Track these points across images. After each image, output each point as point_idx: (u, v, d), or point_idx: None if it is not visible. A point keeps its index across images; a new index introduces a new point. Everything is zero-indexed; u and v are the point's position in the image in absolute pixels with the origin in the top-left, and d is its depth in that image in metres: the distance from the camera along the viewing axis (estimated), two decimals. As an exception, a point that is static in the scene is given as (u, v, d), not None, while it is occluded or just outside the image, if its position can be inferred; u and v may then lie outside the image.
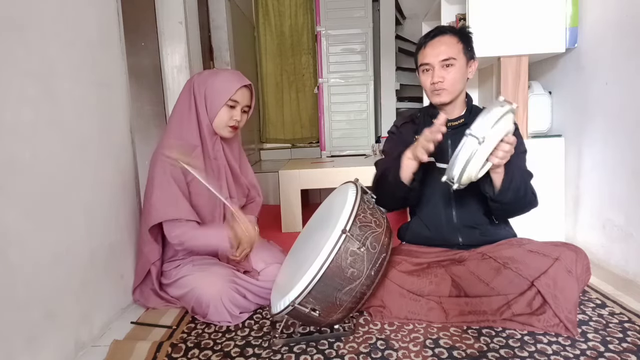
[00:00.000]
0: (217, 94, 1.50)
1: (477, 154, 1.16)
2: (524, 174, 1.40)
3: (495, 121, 1.15)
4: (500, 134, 1.18)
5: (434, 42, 1.43)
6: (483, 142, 1.14)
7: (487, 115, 1.16)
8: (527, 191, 1.38)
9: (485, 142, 1.15)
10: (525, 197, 1.37)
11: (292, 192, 2.70)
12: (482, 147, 1.15)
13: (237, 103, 1.52)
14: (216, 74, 1.55)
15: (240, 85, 1.51)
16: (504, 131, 1.19)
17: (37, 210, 1.11)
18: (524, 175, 1.38)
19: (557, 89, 2.10)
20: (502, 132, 1.18)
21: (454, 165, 1.19)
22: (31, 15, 1.13)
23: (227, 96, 1.49)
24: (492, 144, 1.18)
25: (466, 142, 1.16)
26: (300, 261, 1.29)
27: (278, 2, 4.49)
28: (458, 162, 1.18)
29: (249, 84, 1.55)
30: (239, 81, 1.52)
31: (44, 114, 1.16)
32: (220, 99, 1.50)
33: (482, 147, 1.15)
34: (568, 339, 1.20)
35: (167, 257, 1.58)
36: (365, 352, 1.18)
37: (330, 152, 3.91)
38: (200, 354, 1.22)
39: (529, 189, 1.39)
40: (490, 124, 1.15)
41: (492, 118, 1.15)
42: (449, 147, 1.48)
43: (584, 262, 1.32)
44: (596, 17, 1.80)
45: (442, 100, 1.44)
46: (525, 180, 1.38)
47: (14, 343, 1.01)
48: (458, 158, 1.18)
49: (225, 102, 1.50)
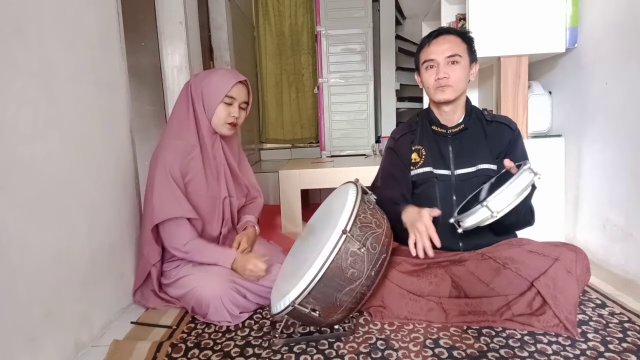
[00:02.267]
0: (213, 91, 1.51)
1: (488, 220, 1.24)
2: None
3: (514, 195, 1.20)
4: (515, 204, 1.22)
5: (439, 40, 1.43)
6: (495, 216, 1.21)
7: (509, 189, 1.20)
8: (527, 212, 1.39)
9: (497, 215, 1.21)
10: (524, 217, 1.39)
11: (292, 192, 2.70)
12: (492, 217, 1.22)
13: (234, 99, 1.53)
14: (212, 73, 1.55)
15: (235, 81, 1.52)
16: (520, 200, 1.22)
17: (37, 210, 1.11)
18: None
19: (557, 89, 2.10)
20: (518, 202, 1.22)
21: (466, 220, 1.27)
22: (31, 15, 1.13)
23: (223, 93, 1.50)
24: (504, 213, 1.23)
25: (479, 210, 1.23)
26: (301, 261, 1.29)
27: (278, 2, 4.49)
28: (469, 220, 1.26)
29: (244, 80, 1.55)
30: (234, 77, 1.53)
31: (44, 114, 1.16)
32: (216, 96, 1.50)
33: (494, 217, 1.22)
34: (568, 339, 1.20)
35: (167, 257, 1.58)
36: (365, 352, 1.18)
37: (330, 152, 3.91)
38: (200, 354, 1.22)
39: (528, 210, 1.40)
40: (509, 200, 1.20)
41: (512, 192, 1.20)
42: (449, 154, 1.48)
43: (584, 263, 1.32)
44: (596, 17, 1.80)
45: (447, 97, 1.43)
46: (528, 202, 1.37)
47: (14, 343, 1.01)
48: (470, 218, 1.26)
49: (221, 99, 1.50)
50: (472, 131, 1.49)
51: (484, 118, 1.51)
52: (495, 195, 1.20)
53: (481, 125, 1.49)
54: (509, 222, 1.34)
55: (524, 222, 1.44)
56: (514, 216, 1.31)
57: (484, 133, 1.49)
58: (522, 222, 1.44)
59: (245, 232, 1.62)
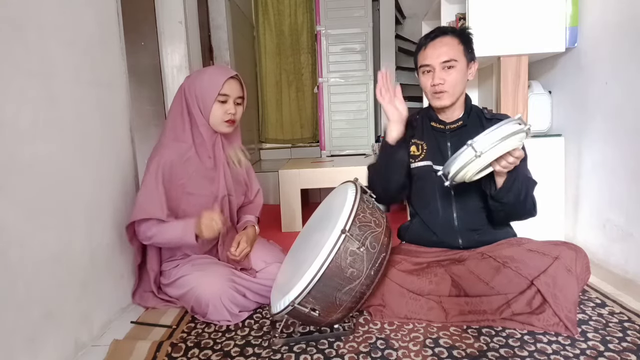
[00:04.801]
0: (206, 91, 1.50)
1: (472, 164, 1.21)
2: (527, 180, 1.39)
3: (499, 139, 1.18)
4: (500, 151, 1.20)
5: (435, 43, 1.42)
6: (479, 157, 1.19)
7: (494, 131, 1.19)
8: (527, 197, 1.37)
9: (481, 157, 1.19)
10: (525, 202, 1.37)
11: (292, 191, 2.71)
12: (477, 160, 1.20)
13: (228, 96, 1.52)
14: (202, 74, 1.55)
15: (225, 77, 1.50)
16: (506, 149, 1.21)
17: (37, 210, 1.11)
18: (526, 181, 1.37)
19: (557, 89, 2.10)
20: (503, 149, 1.20)
21: (451, 165, 1.24)
22: (31, 15, 1.13)
23: (216, 91, 1.49)
24: (488, 160, 1.22)
25: (464, 152, 1.21)
26: (300, 261, 1.29)
27: (278, 2, 4.49)
28: (454, 165, 1.24)
29: (235, 75, 1.54)
30: (225, 74, 1.52)
31: (44, 114, 1.16)
32: (210, 96, 1.49)
33: (478, 160, 1.20)
34: (568, 338, 1.20)
35: (166, 257, 1.58)
36: (365, 352, 1.18)
37: (330, 151, 3.91)
38: (200, 354, 1.22)
39: (529, 196, 1.38)
40: (493, 140, 1.18)
41: (497, 135, 1.18)
42: (448, 150, 1.48)
43: (584, 261, 1.32)
44: (596, 17, 1.80)
45: (443, 103, 1.43)
46: (527, 186, 1.37)
47: (14, 343, 1.01)
48: (455, 161, 1.23)
49: (215, 99, 1.49)
50: (471, 128, 1.48)
51: (483, 116, 1.51)
52: (479, 136, 1.19)
53: (480, 122, 1.49)
54: (508, 201, 1.33)
55: (525, 210, 1.40)
56: (512, 195, 1.31)
57: (482, 129, 1.48)
58: (522, 208, 1.39)
59: (244, 231, 1.62)
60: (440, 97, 1.42)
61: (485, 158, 1.20)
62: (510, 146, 1.20)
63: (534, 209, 1.42)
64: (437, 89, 1.41)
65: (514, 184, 1.31)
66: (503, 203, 1.35)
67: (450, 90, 1.41)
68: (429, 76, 1.43)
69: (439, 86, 1.40)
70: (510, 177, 1.30)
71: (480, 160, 1.20)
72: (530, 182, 1.40)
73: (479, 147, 1.18)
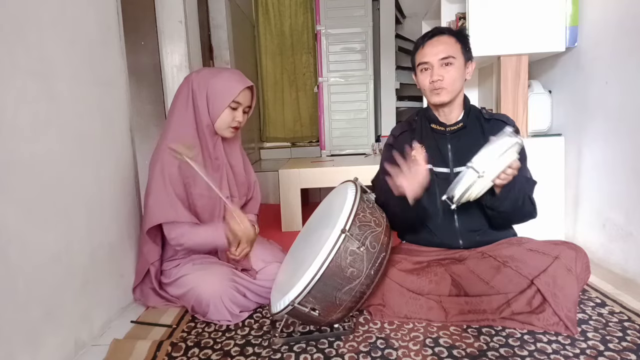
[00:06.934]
0: (219, 96, 1.49)
1: (476, 184, 1.24)
2: (525, 183, 1.38)
3: (498, 156, 1.20)
4: (501, 167, 1.22)
5: (432, 41, 1.43)
6: (482, 177, 1.21)
7: (491, 148, 1.21)
8: (525, 202, 1.37)
9: (484, 176, 1.21)
10: (523, 207, 1.37)
11: (292, 191, 2.70)
12: (480, 180, 1.22)
13: (240, 105, 1.51)
14: (217, 75, 1.52)
15: (243, 87, 1.50)
16: (506, 164, 1.22)
17: (37, 210, 1.11)
18: (524, 185, 1.37)
19: (557, 88, 2.10)
20: (503, 164, 1.22)
21: (454, 189, 1.26)
22: (31, 15, 1.13)
23: (230, 98, 1.48)
24: (492, 177, 1.23)
25: (466, 173, 1.23)
26: (300, 261, 1.29)
27: (278, 1, 4.49)
28: (458, 188, 1.26)
29: (251, 85, 1.54)
30: (242, 83, 1.51)
31: (44, 113, 1.16)
32: (223, 101, 1.48)
33: (481, 180, 1.22)
34: (568, 338, 1.20)
35: (167, 256, 1.58)
36: (365, 351, 1.18)
37: (330, 151, 3.91)
38: (200, 353, 1.22)
39: (527, 200, 1.38)
40: (492, 158, 1.20)
41: (495, 152, 1.20)
42: (448, 152, 1.48)
43: (584, 261, 1.32)
44: (596, 17, 1.80)
45: (442, 99, 1.43)
46: (525, 190, 1.37)
47: (14, 343, 1.01)
48: (458, 185, 1.25)
49: (228, 104, 1.49)
50: (471, 129, 1.48)
51: (482, 116, 1.51)
52: (477, 156, 1.21)
53: (479, 123, 1.49)
54: (505, 209, 1.34)
55: (524, 212, 1.41)
56: (509, 202, 1.32)
57: (482, 131, 1.48)
58: (520, 213, 1.40)
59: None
60: (439, 93, 1.43)
61: (488, 176, 1.22)
62: (510, 159, 1.22)
63: (534, 211, 1.42)
64: (436, 85, 1.41)
65: (510, 193, 1.31)
66: (500, 211, 1.36)
67: (448, 87, 1.41)
68: (427, 74, 1.43)
69: (437, 82, 1.41)
70: (506, 187, 1.30)
71: (484, 180, 1.23)
72: (530, 183, 1.40)
73: (480, 167, 1.20)
